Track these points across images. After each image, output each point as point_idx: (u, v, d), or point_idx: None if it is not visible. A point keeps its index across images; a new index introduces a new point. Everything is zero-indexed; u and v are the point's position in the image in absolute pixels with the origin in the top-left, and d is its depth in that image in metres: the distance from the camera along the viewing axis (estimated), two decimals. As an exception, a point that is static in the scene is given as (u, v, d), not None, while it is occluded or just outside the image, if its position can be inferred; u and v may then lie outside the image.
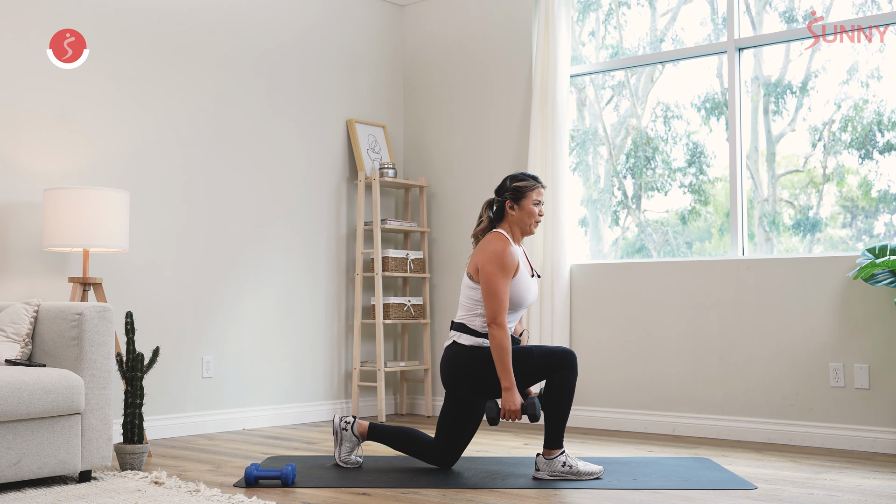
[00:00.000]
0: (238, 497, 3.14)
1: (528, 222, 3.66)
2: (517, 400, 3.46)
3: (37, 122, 4.39)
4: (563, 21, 5.32)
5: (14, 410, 3.19)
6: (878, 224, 4.67)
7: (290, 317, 5.44)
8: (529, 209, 3.65)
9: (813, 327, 4.51)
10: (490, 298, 3.49)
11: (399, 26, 6.22)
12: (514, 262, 3.54)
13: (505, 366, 3.45)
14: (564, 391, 3.52)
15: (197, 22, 5.06)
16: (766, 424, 4.61)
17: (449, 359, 3.64)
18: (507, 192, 3.66)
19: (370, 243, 5.71)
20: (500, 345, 3.45)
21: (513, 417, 3.47)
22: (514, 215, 3.66)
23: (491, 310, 3.48)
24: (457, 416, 3.69)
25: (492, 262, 3.51)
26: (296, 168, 5.52)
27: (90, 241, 4.06)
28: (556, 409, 3.52)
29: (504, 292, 3.49)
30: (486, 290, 3.51)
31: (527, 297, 3.61)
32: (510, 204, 3.66)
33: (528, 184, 3.66)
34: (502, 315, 3.47)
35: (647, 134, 5.41)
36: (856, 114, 4.71)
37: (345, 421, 3.82)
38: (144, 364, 3.84)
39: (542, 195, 3.70)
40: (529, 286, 3.63)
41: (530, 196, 3.65)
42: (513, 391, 3.46)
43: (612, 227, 5.55)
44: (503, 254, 3.52)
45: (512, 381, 3.46)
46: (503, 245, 3.55)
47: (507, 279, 3.51)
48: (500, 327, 3.46)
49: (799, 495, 3.24)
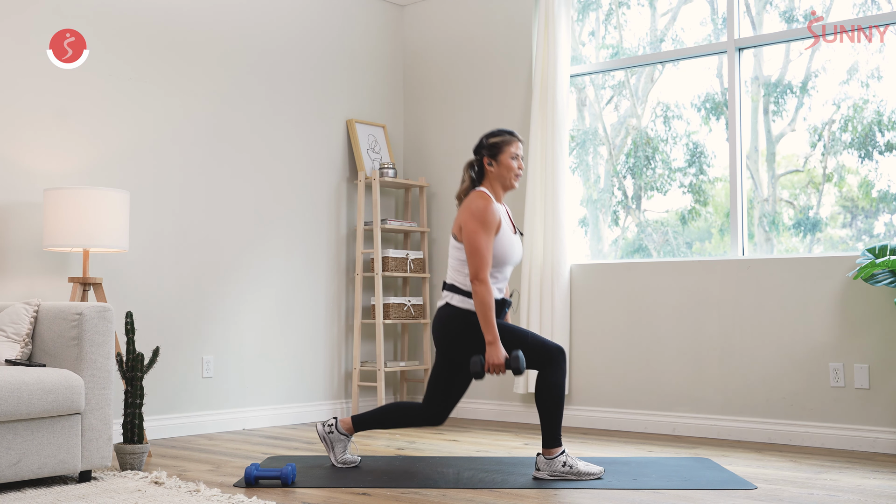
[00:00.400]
0: (238, 497, 3.14)
1: (507, 176, 3.68)
2: (501, 354, 3.49)
3: (37, 122, 4.39)
4: (563, 21, 5.32)
5: (14, 410, 3.19)
6: (878, 224, 4.68)
7: (290, 317, 5.44)
8: (507, 163, 3.67)
9: (813, 327, 4.51)
10: (473, 255, 3.53)
11: (399, 26, 6.22)
12: (496, 219, 3.58)
13: (488, 320, 3.49)
14: (554, 389, 3.53)
15: (197, 22, 5.06)
16: (766, 424, 4.61)
17: (442, 320, 3.65)
18: (484, 149, 3.70)
19: (370, 243, 5.71)
20: (483, 300, 3.49)
21: (497, 371, 3.50)
22: (492, 171, 3.68)
23: (474, 266, 3.52)
24: (449, 375, 3.71)
25: (473, 220, 3.56)
26: (296, 168, 5.52)
27: (90, 241, 4.06)
28: (548, 409, 3.53)
29: (486, 249, 3.53)
30: (468, 247, 3.55)
31: (511, 253, 3.65)
32: (488, 161, 3.69)
33: (503, 139, 3.69)
34: (484, 271, 3.51)
35: (647, 134, 5.41)
36: (856, 114, 4.71)
37: (327, 425, 3.83)
38: (144, 364, 3.84)
39: (520, 149, 3.72)
40: (513, 243, 3.67)
41: (507, 150, 3.67)
42: (497, 345, 3.49)
43: (612, 227, 5.55)
44: (485, 211, 3.56)
45: (496, 335, 3.49)
46: (485, 203, 3.59)
47: (490, 236, 3.55)
48: (483, 283, 3.49)
49: (799, 495, 3.24)
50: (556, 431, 3.54)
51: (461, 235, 3.61)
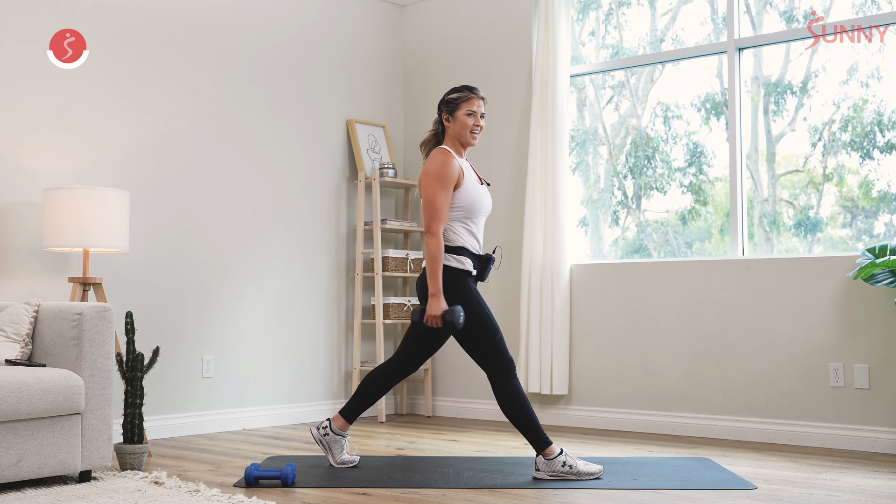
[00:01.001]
0: (238, 497, 3.14)
1: (463, 133, 3.70)
2: (440, 307, 3.55)
3: (37, 123, 4.39)
4: (563, 21, 5.32)
5: (14, 410, 3.19)
6: (878, 224, 4.68)
7: (290, 317, 5.44)
8: (463, 120, 3.68)
9: (813, 327, 4.51)
10: (427, 208, 3.58)
11: (399, 26, 6.22)
12: (455, 173, 3.60)
13: (434, 273, 3.55)
14: (513, 398, 3.58)
15: (197, 22, 5.06)
16: (766, 424, 4.61)
17: (423, 277, 3.69)
18: (443, 104, 3.74)
19: (370, 243, 5.71)
20: (432, 253, 3.55)
21: (433, 323, 3.55)
22: (450, 127, 3.72)
23: (427, 218, 3.58)
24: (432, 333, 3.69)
25: (430, 175, 3.60)
26: (296, 168, 5.52)
27: (90, 241, 4.06)
28: (518, 417, 3.58)
29: (442, 203, 3.57)
30: (424, 201, 3.60)
31: (480, 201, 3.68)
32: (445, 116, 3.72)
33: (461, 95, 3.71)
34: (437, 224, 3.56)
35: (647, 134, 5.41)
36: (856, 114, 4.71)
37: (321, 427, 3.84)
38: (144, 364, 3.84)
39: (480, 106, 3.72)
40: (481, 192, 3.70)
41: (463, 107, 3.68)
42: (438, 297, 3.55)
43: (612, 227, 5.55)
44: (442, 166, 3.60)
45: (439, 288, 3.55)
46: (443, 157, 3.62)
47: (446, 190, 3.58)
48: (434, 236, 3.55)
49: (799, 495, 3.24)
50: (539, 433, 3.56)
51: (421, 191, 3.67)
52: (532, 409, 3.59)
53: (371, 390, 3.85)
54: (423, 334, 3.75)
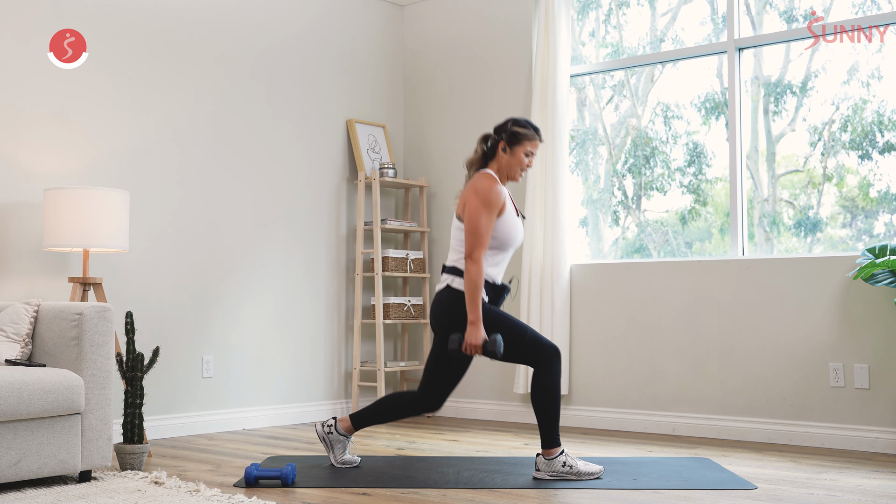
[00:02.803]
0: (238, 497, 3.14)
1: (515, 169, 3.67)
2: (481, 335, 3.48)
3: (37, 122, 4.39)
4: (563, 21, 5.32)
5: (14, 410, 3.19)
6: (878, 224, 4.68)
7: (290, 317, 5.44)
8: (520, 157, 3.66)
9: (813, 327, 4.51)
10: (471, 233, 3.52)
11: (399, 26, 6.22)
12: (501, 200, 3.57)
13: (475, 301, 3.48)
14: (549, 391, 3.54)
15: (197, 22, 5.06)
16: (766, 424, 4.61)
17: (442, 303, 3.63)
18: (505, 133, 3.67)
19: (370, 243, 5.71)
20: (473, 280, 3.49)
21: (473, 352, 3.50)
22: (503, 158, 3.67)
23: (470, 244, 3.52)
24: (451, 362, 3.68)
25: (477, 198, 3.54)
26: (296, 168, 5.52)
27: (90, 241, 4.06)
28: (545, 409, 3.53)
29: (485, 228, 3.52)
30: (468, 225, 3.54)
31: (515, 235, 3.64)
32: (503, 146, 3.67)
33: (527, 132, 3.66)
34: (479, 251, 3.50)
35: (646, 134, 5.41)
36: (856, 114, 4.71)
37: (326, 425, 3.82)
38: (144, 364, 3.83)
39: (538, 148, 3.71)
40: (516, 225, 3.66)
41: (525, 145, 3.66)
42: (478, 325, 3.48)
43: (612, 227, 5.55)
44: (489, 190, 3.55)
45: (479, 315, 3.49)
46: (490, 182, 3.58)
47: (491, 216, 3.54)
48: (476, 262, 3.49)
49: (799, 495, 3.24)
50: (555, 432, 3.54)
51: (464, 215, 3.60)
52: (559, 406, 3.55)
53: (389, 411, 3.81)
54: (443, 365, 3.69)
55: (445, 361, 3.69)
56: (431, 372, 3.73)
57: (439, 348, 3.71)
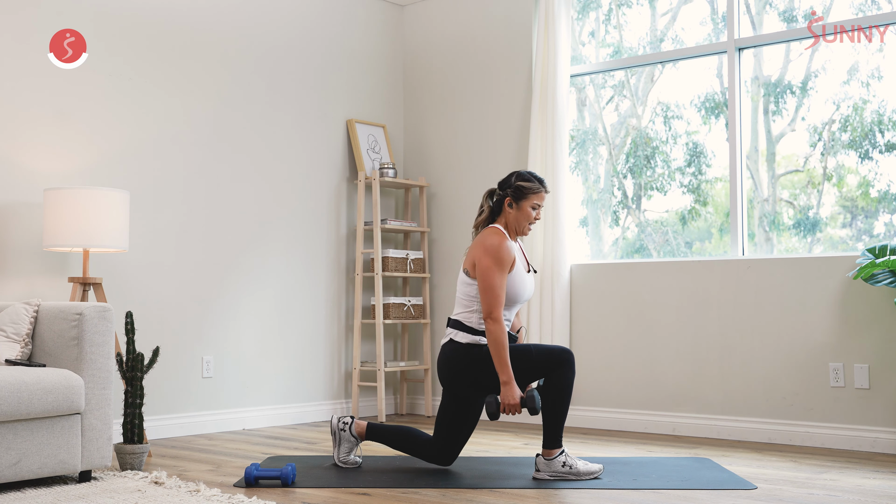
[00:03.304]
0: (238, 497, 3.14)
1: (523, 224, 3.65)
2: (516, 394, 3.46)
3: (37, 122, 4.39)
4: (563, 21, 5.32)
5: (14, 410, 3.19)
6: (878, 224, 4.68)
7: (290, 317, 5.44)
8: (527, 212, 3.63)
9: (813, 327, 4.51)
10: (486, 293, 3.49)
11: (399, 26, 6.22)
12: (511, 257, 3.54)
13: (502, 360, 3.45)
14: (562, 391, 3.53)
15: (197, 22, 5.06)
16: (766, 424, 4.61)
17: (446, 356, 3.63)
18: (510, 188, 3.65)
19: (370, 243, 5.71)
20: (497, 340, 3.45)
21: (512, 412, 3.47)
22: (510, 213, 3.65)
23: (487, 304, 3.48)
24: (456, 414, 3.69)
25: (488, 257, 3.51)
26: (296, 168, 5.52)
27: (90, 241, 4.06)
28: (554, 409, 3.52)
29: (500, 287, 3.49)
30: (482, 284, 3.50)
31: (523, 292, 3.62)
32: (509, 202, 3.65)
33: (531, 186, 3.63)
34: (498, 310, 3.47)
35: (646, 134, 5.41)
36: (856, 114, 4.71)
37: (343, 422, 3.82)
38: (144, 364, 3.83)
39: (544, 199, 3.68)
40: (525, 281, 3.63)
41: (531, 199, 3.63)
42: (511, 385, 3.46)
43: (612, 227, 5.55)
44: (499, 248, 3.52)
45: (510, 374, 3.46)
46: (500, 239, 3.55)
47: (504, 273, 3.52)
48: (496, 322, 3.46)
49: (799, 495, 3.24)
50: (559, 432, 3.54)
51: (474, 272, 3.57)
52: (568, 410, 3.54)
53: (404, 443, 3.80)
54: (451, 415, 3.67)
55: (454, 412, 3.68)
56: (442, 426, 3.71)
57: (447, 399, 3.71)
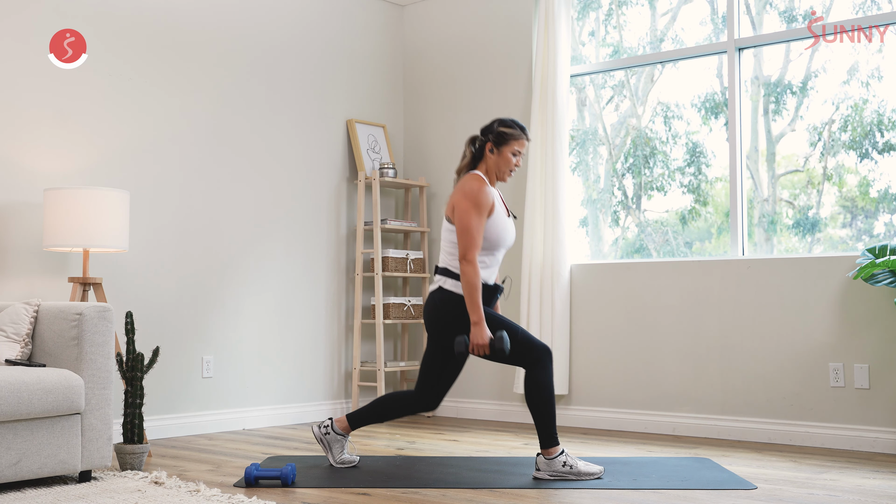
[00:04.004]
0: (238, 497, 3.14)
1: (503, 169, 3.69)
2: (486, 334, 3.49)
3: (37, 123, 4.39)
4: (563, 21, 5.32)
5: (14, 410, 3.19)
6: (878, 224, 4.68)
7: (290, 317, 5.44)
8: (507, 157, 3.67)
9: (813, 327, 4.51)
10: (463, 235, 3.53)
11: (399, 26, 6.22)
12: (489, 201, 3.58)
13: (474, 301, 3.49)
14: (541, 390, 3.54)
15: (197, 22, 5.06)
16: (766, 424, 4.61)
17: (434, 304, 3.64)
18: (492, 134, 3.69)
19: (370, 243, 5.71)
20: (470, 281, 3.49)
21: (481, 352, 3.50)
22: (491, 159, 3.68)
23: (463, 246, 3.53)
24: (444, 362, 3.71)
25: (466, 200, 3.56)
26: (295, 168, 5.52)
27: (90, 241, 4.06)
28: (539, 409, 3.54)
29: (477, 230, 3.53)
30: (459, 226, 3.55)
31: (505, 236, 3.66)
32: (490, 147, 3.68)
33: (513, 132, 3.67)
34: (473, 252, 3.51)
35: (646, 134, 5.41)
36: (856, 114, 4.71)
37: (323, 426, 3.83)
38: (144, 364, 3.84)
39: (525, 147, 3.72)
40: (507, 226, 3.67)
41: (511, 145, 3.67)
42: (482, 326, 3.49)
43: (612, 227, 5.55)
44: (478, 192, 3.56)
45: (481, 315, 3.49)
46: (479, 184, 3.59)
47: (481, 217, 3.55)
48: (471, 263, 3.50)
49: (799, 495, 3.24)
50: (552, 430, 3.54)
51: (454, 217, 3.62)
52: (554, 405, 3.56)
53: (386, 411, 3.81)
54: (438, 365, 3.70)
55: (441, 361, 3.70)
56: (428, 372, 3.74)
57: (433, 348, 3.73)
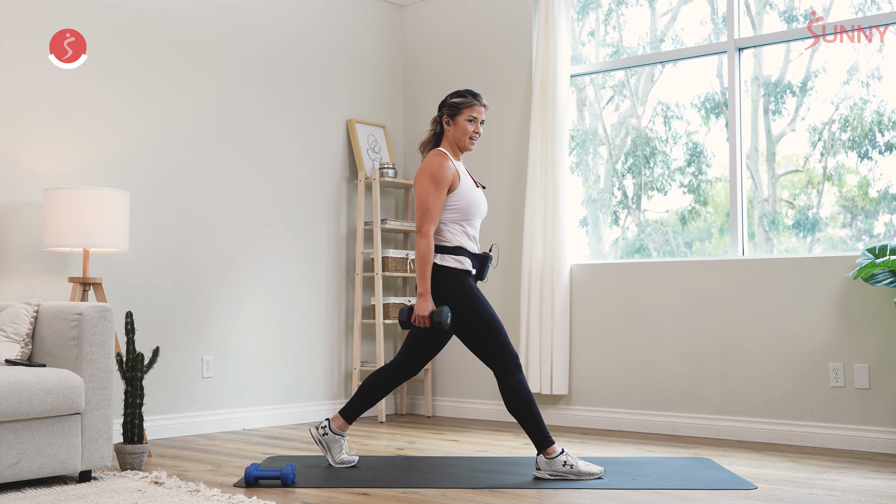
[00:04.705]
0: (238, 497, 3.14)
1: (462, 139, 3.72)
2: (428, 307, 3.58)
3: (37, 123, 4.39)
4: (563, 21, 5.32)
5: (14, 410, 3.19)
6: (878, 224, 4.68)
7: (290, 317, 5.44)
8: (463, 126, 3.71)
9: (813, 327, 4.51)
10: (419, 208, 3.62)
11: (399, 26, 6.22)
12: (449, 175, 3.63)
13: (423, 273, 3.59)
14: (517, 395, 3.59)
15: (196, 22, 5.06)
16: (766, 424, 4.61)
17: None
18: (445, 107, 3.75)
19: (370, 243, 5.71)
20: (422, 254, 3.59)
21: (422, 323, 3.59)
22: (449, 131, 3.73)
23: (419, 219, 3.62)
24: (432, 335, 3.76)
25: (424, 175, 3.63)
26: (296, 168, 5.52)
27: (90, 241, 4.06)
28: (522, 414, 3.58)
29: (433, 204, 3.60)
30: (417, 200, 3.64)
31: (476, 203, 3.70)
32: (446, 119, 3.73)
33: (464, 101, 3.72)
34: (428, 225, 3.59)
35: (646, 134, 5.41)
36: (855, 114, 4.71)
37: (320, 427, 3.85)
38: (144, 364, 3.84)
39: (482, 113, 3.74)
40: (477, 195, 3.72)
41: (465, 113, 3.70)
42: (426, 298, 3.59)
43: (612, 227, 5.55)
44: (437, 168, 3.62)
45: (427, 288, 3.58)
46: (439, 160, 3.65)
47: (440, 191, 3.61)
48: (425, 237, 3.59)
49: (799, 495, 3.24)
50: (542, 431, 3.56)
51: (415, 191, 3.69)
52: (537, 407, 3.59)
53: (372, 392, 3.87)
54: (423, 338, 3.78)
55: (428, 334, 3.77)
56: (412, 343, 3.82)
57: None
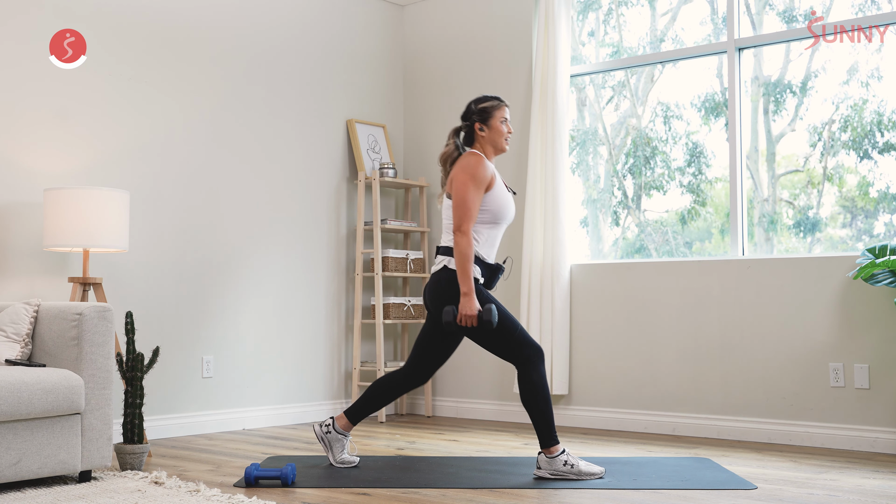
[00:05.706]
0: (238, 497, 3.15)
1: (498, 140, 3.75)
2: (475, 306, 3.52)
3: (37, 123, 4.39)
4: (563, 21, 5.32)
5: (14, 410, 3.19)
6: (878, 224, 4.68)
7: (290, 317, 5.44)
8: (498, 127, 3.73)
9: (813, 327, 4.51)
10: (459, 207, 3.58)
11: (399, 26, 6.22)
12: (488, 175, 3.63)
13: (466, 271, 3.53)
14: (536, 389, 3.56)
15: (196, 22, 5.06)
16: (766, 424, 4.61)
17: (439, 283, 3.65)
18: (474, 114, 3.75)
19: (370, 243, 5.71)
20: (463, 252, 3.53)
21: (469, 323, 3.52)
22: (484, 136, 3.74)
23: (458, 218, 3.57)
24: (443, 341, 3.74)
25: (464, 173, 3.61)
26: (295, 168, 5.52)
27: (90, 241, 4.06)
28: (536, 409, 3.55)
29: (473, 202, 3.57)
30: (456, 199, 3.60)
31: (507, 209, 3.70)
32: (479, 126, 3.74)
33: (493, 104, 3.75)
34: (468, 223, 3.56)
35: (646, 134, 5.41)
36: (855, 114, 4.71)
37: (324, 425, 3.84)
38: (144, 364, 3.84)
39: (508, 113, 3.79)
40: (508, 199, 3.72)
41: (497, 115, 3.74)
42: (471, 297, 3.52)
43: (612, 227, 5.55)
44: (477, 166, 3.62)
45: (471, 286, 3.53)
46: (476, 159, 3.65)
47: (479, 190, 3.60)
48: (465, 235, 3.55)
49: (799, 495, 3.24)
50: (551, 429, 3.55)
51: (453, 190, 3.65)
52: (551, 405, 3.57)
53: (379, 396, 3.84)
54: (434, 340, 3.74)
55: (438, 338, 3.74)
56: (422, 348, 3.79)
57: (431, 326, 3.75)
